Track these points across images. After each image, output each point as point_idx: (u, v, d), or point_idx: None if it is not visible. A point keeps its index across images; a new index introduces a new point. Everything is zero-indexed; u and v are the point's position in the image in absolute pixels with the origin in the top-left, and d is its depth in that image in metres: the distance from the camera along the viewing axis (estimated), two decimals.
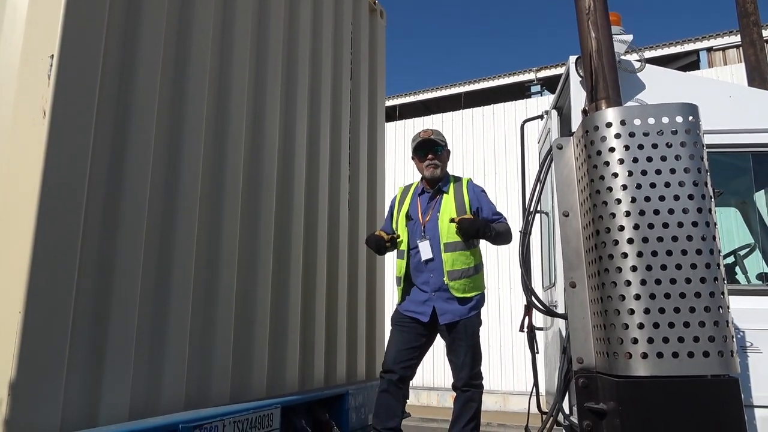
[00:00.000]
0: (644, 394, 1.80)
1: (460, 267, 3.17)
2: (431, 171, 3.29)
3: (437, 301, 3.16)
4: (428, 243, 3.19)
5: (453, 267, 3.15)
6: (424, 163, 3.32)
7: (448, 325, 3.14)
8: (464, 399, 3.12)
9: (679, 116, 1.95)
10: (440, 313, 3.15)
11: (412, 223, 3.30)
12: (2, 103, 2.19)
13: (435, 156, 3.30)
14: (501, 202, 10.93)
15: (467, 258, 3.20)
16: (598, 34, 2.21)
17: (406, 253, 3.28)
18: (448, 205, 3.25)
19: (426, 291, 3.20)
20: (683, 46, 11.65)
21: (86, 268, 2.16)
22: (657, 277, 1.82)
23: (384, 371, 3.21)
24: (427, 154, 3.30)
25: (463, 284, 3.16)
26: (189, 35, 2.78)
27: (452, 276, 3.14)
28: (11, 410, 1.84)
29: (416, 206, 3.33)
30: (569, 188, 2.18)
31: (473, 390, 3.12)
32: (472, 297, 3.18)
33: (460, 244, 3.17)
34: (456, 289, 3.14)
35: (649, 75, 3.14)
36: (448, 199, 3.27)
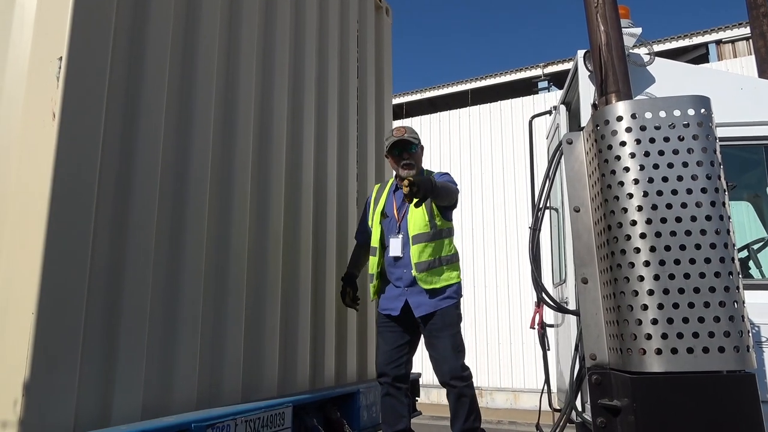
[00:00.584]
0: (659, 391, 1.78)
1: (426, 258, 3.15)
2: (406, 171, 3.27)
3: (410, 296, 3.17)
4: (399, 240, 3.21)
5: (419, 259, 3.15)
6: (399, 164, 3.30)
7: (423, 318, 3.14)
8: (455, 396, 3.08)
9: (691, 109, 1.92)
10: (414, 307, 3.16)
11: (387, 221, 3.32)
12: (12, 105, 2.21)
13: (410, 155, 3.29)
14: (509, 198, 10.90)
15: (433, 249, 3.17)
16: (607, 27, 2.19)
17: (378, 250, 3.31)
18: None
19: (399, 286, 3.22)
20: (692, 39, 11.54)
21: (97, 268, 2.16)
22: (671, 272, 1.80)
23: (378, 376, 3.26)
24: (401, 154, 3.29)
25: (430, 275, 3.14)
26: (196, 35, 2.79)
27: (419, 268, 3.14)
28: (25, 410, 1.85)
29: (391, 203, 3.35)
30: (580, 183, 2.16)
31: (460, 386, 3.06)
32: (442, 288, 3.14)
33: (426, 235, 3.17)
34: (423, 281, 3.13)
35: (659, 68, 3.12)
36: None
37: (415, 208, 3.17)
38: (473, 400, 3.10)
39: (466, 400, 3.06)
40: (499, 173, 11.17)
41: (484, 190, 11.22)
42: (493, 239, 10.87)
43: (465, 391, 3.07)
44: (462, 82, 13.52)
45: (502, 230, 10.88)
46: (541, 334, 3.59)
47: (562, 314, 3.87)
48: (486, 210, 11.08)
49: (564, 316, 3.89)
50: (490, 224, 10.97)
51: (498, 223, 10.92)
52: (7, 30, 2.31)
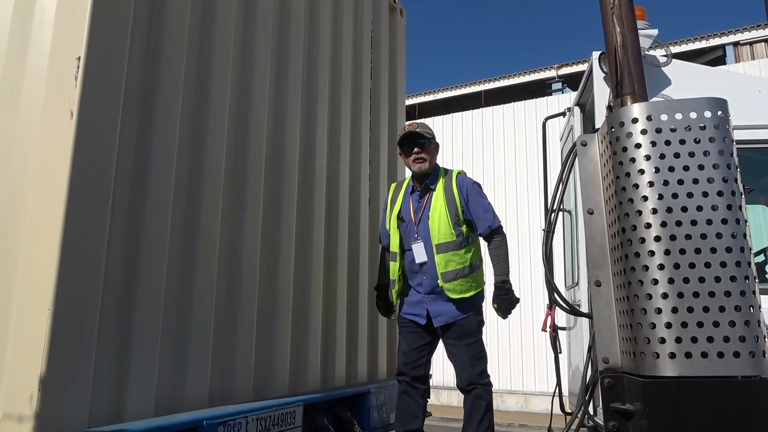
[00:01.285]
0: (672, 395, 1.76)
1: (454, 268, 3.05)
2: (418, 165, 3.17)
3: (430, 304, 3.10)
4: (422, 245, 3.11)
5: (446, 268, 3.04)
6: (410, 158, 3.20)
7: (442, 327, 3.07)
8: (472, 398, 3.02)
9: (708, 111, 1.90)
10: (434, 316, 3.08)
11: (405, 225, 3.22)
12: (32, 104, 2.24)
13: (421, 149, 3.17)
14: (522, 200, 10.84)
15: (461, 257, 3.08)
16: (623, 29, 2.17)
17: (399, 255, 3.22)
18: (438, 204, 3.13)
19: (420, 293, 3.15)
20: (708, 41, 11.41)
21: (112, 266, 2.19)
22: (685, 276, 1.78)
23: (397, 374, 3.22)
24: (413, 148, 3.18)
25: (459, 284, 3.05)
26: (211, 35, 2.81)
27: (446, 278, 3.04)
28: (41, 405, 1.88)
29: (408, 206, 3.24)
30: (594, 186, 2.15)
31: (480, 387, 3.02)
32: (468, 297, 3.07)
33: (453, 243, 3.06)
34: (451, 290, 3.03)
35: (675, 70, 3.09)
36: (437, 197, 3.15)
37: (435, 214, 3.10)
38: (489, 407, 3.03)
39: (482, 404, 3.01)
40: (511, 175, 11.12)
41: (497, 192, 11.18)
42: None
43: (482, 394, 3.03)
44: (475, 83, 13.48)
45: (514, 232, 10.84)
46: (553, 336, 3.57)
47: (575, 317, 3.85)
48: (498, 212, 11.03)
49: (576, 319, 3.87)
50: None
51: (510, 225, 10.87)
52: (28, 30, 2.34)
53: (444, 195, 3.14)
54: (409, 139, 3.21)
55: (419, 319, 3.14)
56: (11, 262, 2.11)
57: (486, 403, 3.03)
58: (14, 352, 2.00)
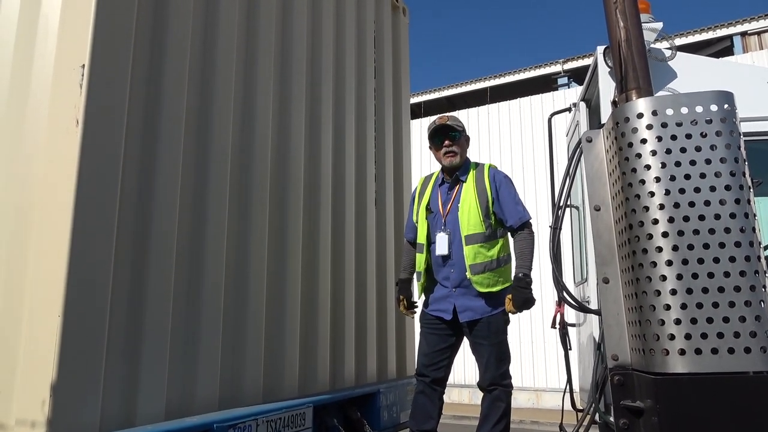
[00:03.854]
0: (682, 392, 1.75)
1: (482, 260, 2.99)
2: (449, 159, 3.11)
3: (458, 298, 3.01)
4: (446, 237, 3.03)
5: (475, 260, 2.97)
6: (441, 152, 3.14)
7: (469, 323, 3.00)
8: (491, 399, 2.98)
9: (714, 105, 1.88)
10: (461, 311, 3.00)
11: (432, 216, 3.15)
12: (38, 112, 2.26)
13: (452, 142, 3.11)
14: (529, 197, 10.79)
15: (489, 250, 3.01)
16: (627, 23, 2.15)
17: (425, 247, 3.13)
18: (468, 195, 3.08)
19: (447, 287, 3.06)
20: (715, 31, 11.29)
21: (121, 272, 2.21)
22: (694, 271, 1.77)
23: (417, 374, 3.14)
24: (443, 141, 3.12)
25: (487, 278, 2.98)
26: (214, 39, 2.82)
27: (474, 270, 2.97)
28: (53, 410, 1.90)
29: (437, 198, 3.18)
30: (600, 182, 2.13)
31: (500, 389, 2.97)
32: (497, 291, 3.00)
33: (481, 236, 3.00)
34: (479, 283, 2.96)
35: (681, 63, 3.06)
36: (467, 189, 3.10)
37: (465, 205, 3.05)
38: (507, 409, 2.98)
39: (501, 405, 2.97)
40: (518, 171, 11.07)
41: None
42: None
43: (501, 396, 2.98)
44: (480, 80, 13.44)
45: None
46: (562, 333, 3.54)
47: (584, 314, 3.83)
48: None
49: (585, 316, 3.85)
50: None
51: None
52: (32, 39, 2.36)
53: (475, 187, 3.10)
54: (440, 132, 3.13)
55: (445, 315, 3.05)
56: (21, 270, 2.13)
57: (505, 405, 2.98)
58: (26, 358, 2.02)
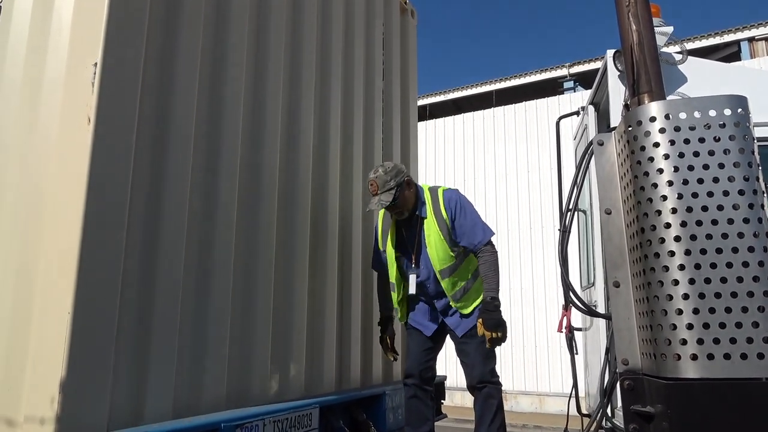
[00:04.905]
0: (694, 397, 1.74)
1: (461, 285, 3.12)
2: (399, 214, 3.11)
3: (447, 319, 3.16)
4: (414, 277, 3.11)
5: (454, 289, 3.11)
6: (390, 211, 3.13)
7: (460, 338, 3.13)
8: (483, 396, 3.03)
9: (728, 109, 1.87)
10: (454, 327, 3.14)
11: (401, 257, 3.21)
12: (50, 110, 2.27)
13: (393, 207, 3.03)
14: (534, 201, 10.78)
15: (463, 273, 3.13)
16: (639, 27, 2.15)
17: (397, 285, 3.22)
18: (431, 230, 3.09)
19: (431, 314, 3.22)
20: (723, 37, 11.28)
21: (130, 270, 2.21)
22: (706, 276, 1.76)
23: (406, 377, 3.22)
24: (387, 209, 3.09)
25: (468, 298, 3.12)
26: (225, 40, 2.82)
27: (456, 297, 3.11)
28: (62, 408, 1.90)
29: (402, 238, 3.20)
30: (611, 185, 2.13)
31: (489, 386, 3.03)
32: (478, 304, 3.09)
33: (453, 266, 3.08)
34: (463, 307, 3.11)
35: (692, 67, 3.05)
36: (429, 224, 3.10)
37: (431, 241, 3.06)
38: (500, 406, 3.05)
39: (493, 402, 3.02)
40: (524, 175, 11.07)
41: (509, 193, 11.14)
42: (518, 242, 10.77)
43: (493, 393, 3.04)
44: (486, 83, 13.45)
45: (527, 233, 10.79)
46: (569, 338, 3.53)
47: (591, 318, 3.81)
48: (511, 212, 10.99)
49: (592, 320, 3.83)
50: (515, 227, 10.87)
51: (523, 225, 10.83)
52: (45, 37, 2.37)
53: (435, 220, 3.08)
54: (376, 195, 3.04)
55: (427, 331, 3.20)
56: (31, 267, 2.14)
57: (497, 402, 3.04)
58: (35, 356, 2.02)
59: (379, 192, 3.00)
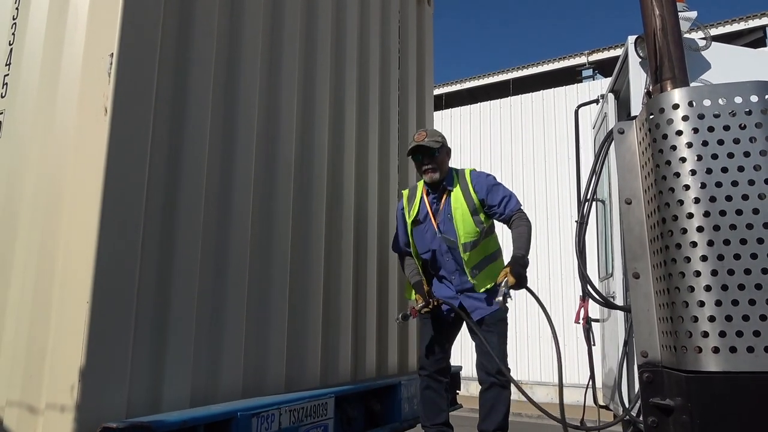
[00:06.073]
0: (715, 390, 1.71)
1: (478, 260, 3.12)
2: (429, 176, 3.16)
3: (464, 300, 3.12)
4: (444, 246, 3.12)
5: (474, 264, 3.10)
6: (421, 168, 3.20)
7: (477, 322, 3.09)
8: (497, 390, 3.03)
9: (754, 95, 1.82)
10: (470, 310, 3.10)
11: (423, 227, 3.21)
12: (67, 101, 2.28)
13: (430, 160, 3.14)
14: (552, 190, 10.67)
15: (484, 249, 3.15)
16: (663, 12, 2.09)
17: (416, 257, 3.24)
18: (459, 203, 3.14)
19: (451, 290, 3.17)
20: (747, 22, 10.98)
21: (148, 259, 2.23)
22: (730, 268, 1.71)
23: (421, 368, 3.20)
24: (423, 159, 3.17)
25: (485, 275, 3.12)
26: (240, 30, 2.82)
27: (474, 274, 3.10)
28: (82, 395, 1.93)
29: (425, 209, 3.23)
30: (632, 174, 2.08)
31: (503, 380, 3.03)
32: (493, 286, 3.08)
33: (477, 241, 3.11)
34: (480, 284, 3.10)
35: (716, 53, 2.97)
36: (456, 197, 3.15)
37: (458, 213, 3.10)
38: (509, 400, 3.08)
39: (508, 394, 3.05)
40: (541, 165, 10.95)
41: (526, 183, 11.03)
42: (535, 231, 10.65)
43: (507, 385, 3.05)
44: (503, 72, 13.29)
45: (544, 223, 10.69)
46: (586, 329, 3.50)
47: (609, 309, 3.77)
48: (528, 202, 10.88)
49: (610, 311, 3.79)
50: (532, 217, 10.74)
51: (540, 215, 10.72)
52: (62, 28, 2.39)
53: (462, 195, 3.16)
54: (417, 152, 3.18)
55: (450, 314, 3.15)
56: (51, 257, 2.16)
57: (509, 395, 3.08)
58: (55, 345, 2.05)
59: (427, 138, 3.15)
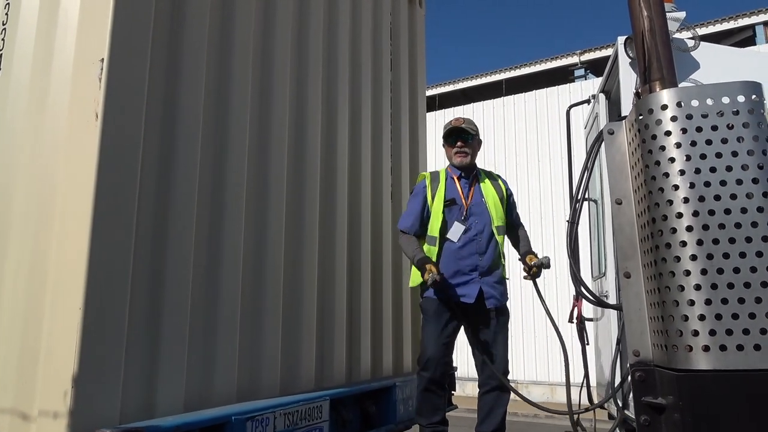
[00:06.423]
0: (706, 389, 1.72)
1: (502, 248, 3.27)
2: (460, 159, 3.28)
3: (484, 285, 3.11)
4: (461, 227, 3.16)
5: (502, 249, 3.24)
6: (453, 150, 3.30)
7: (489, 312, 3.10)
8: (501, 390, 3.07)
9: (741, 95, 1.83)
10: (487, 297, 3.09)
11: (453, 208, 3.19)
12: (58, 106, 2.27)
13: (464, 144, 3.28)
14: (545, 190, 10.70)
15: (503, 241, 3.31)
16: (651, 13, 2.11)
17: (439, 240, 3.16)
18: (490, 192, 3.27)
19: (471, 274, 3.11)
20: (737, 21, 11.06)
21: (140, 264, 2.22)
22: (719, 266, 1.73)
23: (424, 369, 3.09)
24: (456, 142, 3.29)
25: (503, 265, 3.29)
26: (231, 33, 2.81)
27: (499, 260, 3.23)
28: (75, 402, 1.92)
29: (456, 191, 3.25)
30: (622, 175, 2.10)
31: (506, 383, 3.08)
32: (504, 277, 3.28)
33: (503, 227, 3.27)
34: (502, 271, 3.24)
35: (704, 53, 2.99)
36: (487, 187, 3.30)
37: (490, 200, 3.25)
38: (508, 402, 3.13)
39: (507, 397, 3.09)
40: (534, 164, 10.98)
41: (520, 182, 11.05)
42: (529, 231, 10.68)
43: (507, 388, 3.07)
44: (496, 72, 13.32)
45: (538, 222, 10.72)
46: (579, 328, 3.52)
47: (602, 309, 3.79)
48: (521, 202, 10.88)
49: (603, 310, 3.81)
50: (525, 216, 10.76)
51: (534, 215, 10.75)
52: (52, 33, 2.38)
53: (493, 186, 3.32)
54: (453, 133, 3.31)
55: (469, 299, 3.07)
56: (42, 264, 2.15)
57: (509, 396, 3.12)
58: (48, 351, 2.04)
59: (464, 124, 3.32)
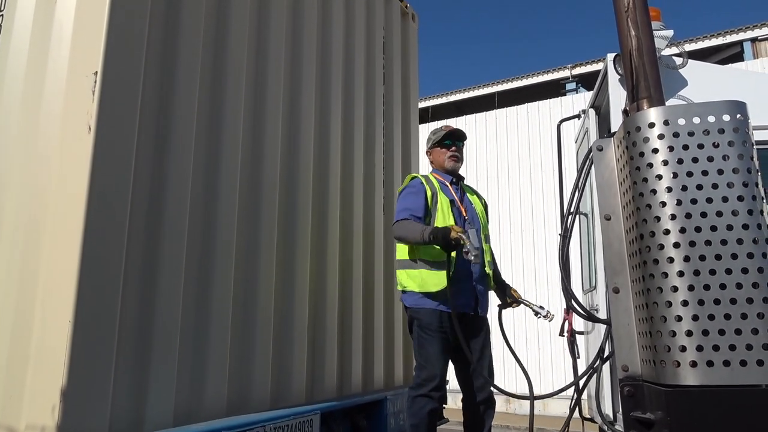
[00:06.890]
0: (694, 404, 1.73)
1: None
2: (453, 163, 3.24)
3: (479, 293, 3.12)
4: (476, 231, 3.09)
5: (490, 258, 3.22)
6: (447, 153, 3.22)
7: (480, 322, 3.09)
8: (491, 403, 3.05)
9: (726, 114, 1.87)
10: (481, 305, 3.10)
11: (453, 211, 3.11)
12: (51, 118, 2.28)
13: (458, 149, 3.30)
14: (537, 203, 10.76)
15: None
16: (638, 32, 2.15)
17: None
18: (475, 200, 3.31)
19: (468, 281, 3.04)
20: (725, 37, 11.23)
21: (131, 278, 2.22)
22: (706, 283, 1.75)
23: (435, 389, 2.87)
24: (452, 145, 3.26)
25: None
26: (225, 46, 2.83)
27: (490, 266, 3.20)
28: (63, 416, 1.91)
29: (451, 195, 3.18)
30: (611, 191, 2.12)
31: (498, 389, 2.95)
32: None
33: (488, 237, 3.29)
34: (490, 279, 3.20)
35: (692, 71, 3.04)
36: (472, 196, 3.33)
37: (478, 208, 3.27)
38: None
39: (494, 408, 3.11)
40: (526, 177, 11.05)
41: (512, 195, 11.12)
42: (520, 244, 10.75)
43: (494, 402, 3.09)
44: (488, 85, 13.43)
45: (530, 235, 10.76)
46: (570, 341, 3.53)
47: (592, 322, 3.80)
48: (513, 215, 10.97)
49: (594, 324, 3.83)
50: (517, 230, 10.85)
51: (525, 228, 10.81)
52: (46, 46, 2.38)
53: (477, 197, 3.36)
54: (453, 136, 3.29)
55: (469, 309, 3.03)
56: (33, 275, 2.14)
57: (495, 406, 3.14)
58: (36, 364, 2.03)
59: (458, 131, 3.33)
